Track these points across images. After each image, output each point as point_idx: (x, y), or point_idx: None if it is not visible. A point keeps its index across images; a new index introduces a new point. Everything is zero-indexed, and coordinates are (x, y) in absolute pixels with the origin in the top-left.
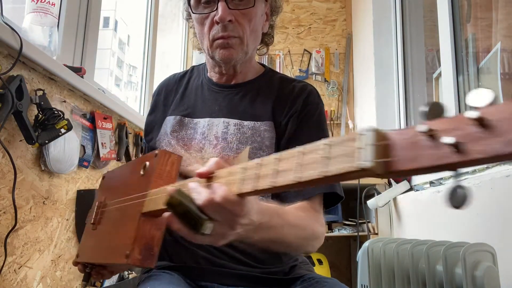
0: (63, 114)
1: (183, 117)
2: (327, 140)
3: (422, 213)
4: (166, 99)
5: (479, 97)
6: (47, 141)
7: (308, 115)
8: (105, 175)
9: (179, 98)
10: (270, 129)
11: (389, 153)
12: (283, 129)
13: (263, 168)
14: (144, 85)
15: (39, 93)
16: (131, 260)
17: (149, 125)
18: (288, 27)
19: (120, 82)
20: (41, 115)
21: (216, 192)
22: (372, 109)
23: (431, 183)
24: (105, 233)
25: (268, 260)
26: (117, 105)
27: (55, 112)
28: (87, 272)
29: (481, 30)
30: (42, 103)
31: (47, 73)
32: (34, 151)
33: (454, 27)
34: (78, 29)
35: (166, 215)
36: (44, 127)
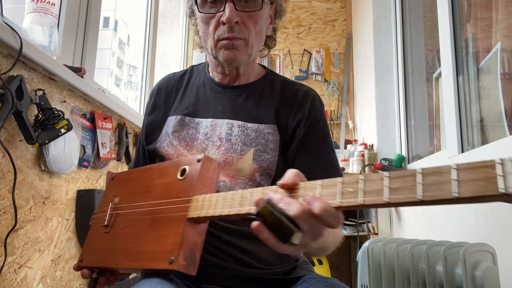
0: (63, 114)
1: (184, 117)
2: (454, 164)
3: (422, 213)
4: (166, 99)
5: None
6: (47, 141)
7: (315, 121)
8: (114, 176)
9: (180, 97)
10: (274, 132)
11: None
12: (290, 133)
13: (367, 184)
14: (144, 85)
15: (39, 93)
16: (176, 265)
17: (150, 125)
18: (288, 27)
19: (120, 82)
20: (41, 115)
21: (312, 203)
22: (372, 109)
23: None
24: (128, 236)
25: (271, 260)
26: (117, 105)
27: (55, 112)
28: (94, 277)
29: (481, 30)
30: (42, 103)
31: (47, 73)
32: (34, 151)
33: (454, 27)
34: (78, 29)
35: (254, 224)
36: (44, 127)
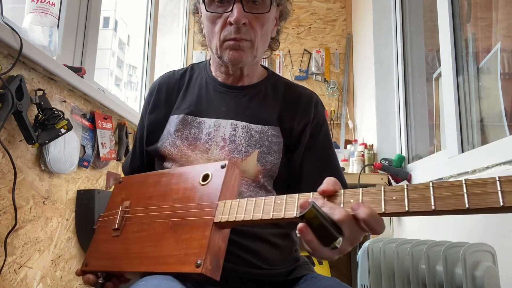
0: (63, 114)
1: (186, 116)
2: (497, 176)
3: None
4: (168, 98)
5: None
6: (47, 141)
7: (318, 125)
8: (122, 179)
9: (181, 96)
10: (277, 134)
11: None
12: (295, 137)
13: (411, 192)
14: (144, 85)
15: (39, 93)
16: (203, 269)
17: (152, 125)
18: (288, 27)
19: (120, 82)
20: (41, 115)
21: (358, 209)
22: (372, 109)
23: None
24: (144, 240)
25: (276, 260)
26: (117, 105)
27: (55, 112)
28: (100, 282)
29: (481, 30)
30: (42, 103)
31: (47, 73)
32: (34, 151)
33: (454, 27)
34: (78, 29)
35: (300, 225)
36: (44, 127)
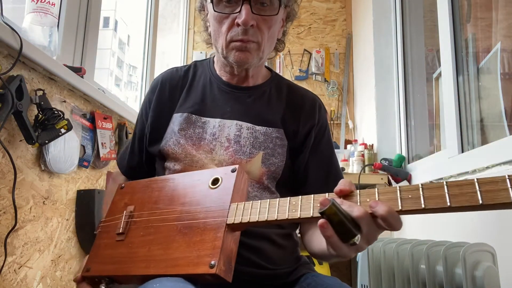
0: (63, 114)
1: (191, 115)
2: (506, 175)
3: None
4: (171, 95)
5: None
6: (47, 141)
7: (322, 129)
8: (124, 184)
9: (185, 94)
10: (281, 136)
11: None
12: (300, 140)
13: (426, 191)
14: (144, 85)
15: (39, 93)
16: (218, 269)
17: (155, 122)
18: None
19: (120, 82)
20: (41, 115)
21: (376, 207)
22: (372, 109)
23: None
24: (152, 243)
25: (279, 260)
26: (117, 105)
27: (55, 112)
28: None
29: (481, 30)
30: (42, 103)
31: (47, 73)
32: (34, 151)
33: (454, 27)
34: (78, 29)
35: (321, 221)
36: (44, 127)
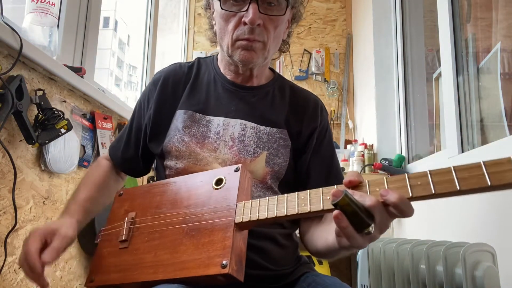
0: (63, 114)
1: (195, 113)
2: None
3: (422, 213)
4: (174, 91)
5: None
6: (47, 141)
7: (323, 130)
8: (123, 191)
9: (188, 91)
10: (285, 137)
11: None
12: (303, 141)
13: (434, 176)
14: (144, 85)
15: (39, 93)
16: (230, 269)
17: (157, 116)
18: None
19: (120, 82)
20: (41, 115)
21: (387, 195)
22: (372, 109)
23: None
24: (157, 248)
25: (282, 260)
26: (117, 105)
27: (55, 112)
28: None
29: (481, 30)
30: (42, 103)
31: (47, 73)
32: (34, 151)
33: (454, 27)
34: (78, 29)
35: (335, 212)
36: (44, 127)
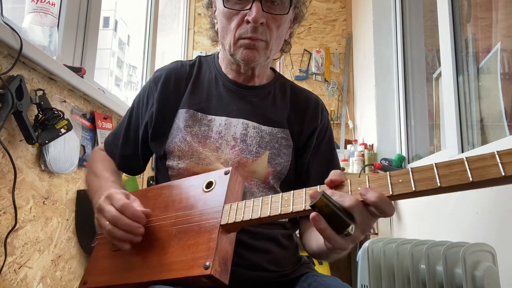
0: (63, 114)
1: (196, 112)
2: (495, 150)
3: (422, 213)
4: (176, 89)
5: None
6: (47, 141)
7: (323, 130)
8: None
9: (190, 89)
10: (287, 137)
11: None
12: (303, 140)
13: (416, 174)
14: None
15: (39, 93)
16: (212, 270)
17: (159, 115)
18: None
19: (120, 82)
20: (41, 115)
21: (366, 194)
22: (372, 109)
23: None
24: (147, 250)
25: (283, 261)
26: (117, 105)
27: (55, 112)
28: None
29: (481, 30)
30: (42, 103)
31: (47, 73)
32: (34, 151)
33: (454, 27)
34: (78, 29)
35: (312, 214)
36: (44, 127)
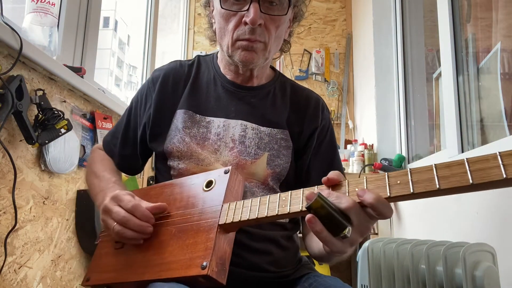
0: (63, 114)
1: (195, 114)
2: (497, 152)
3: (422, 213)
4: (175, 90)
5: None
6: (47, 141)
7: (324, 130)
8: None
9: (189, 90)
10: (286, 138)
11: None
12: (303, 141)
13: (415, 175)
14: None
15: (39, 93)
16: (209, 270)
17: (157, 115)
18: None
19: (120, 82)
20: (41, 115)
21: (364, 195)
22: (372, 109)
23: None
24: (148, 249)
25: (284, 262)
26: (117, 105)
27: (55, 112)
28: None
29: (481, 30)
30: (42, 103)
31: (47, 73)
32: (34, 151)
33: (454, 27)
34: (78, 29)
35: (308, 216)
36: (44, 127)
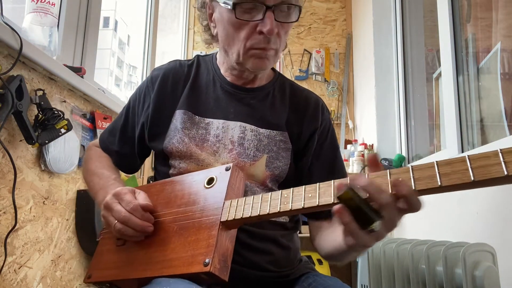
0: (63, 114)
1: (194, 115)
2: (498, 149)
3: (422, 213)
4: (174, 90)
5: None
6: (47, 141)
7: (324, 131)
8: None
9: (188, 91)
10: (285, 139)
11: None
12: (303, 142)
13: (416, 172)
14: None
15: (39, 93)
16: (212, 267)
17: (155, 115)
18: None
19: (120, 82)
20: (41, 115)
21: (398, 185)
22: (372, 109)
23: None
24: (150, 246)
25: (284, 261)
26: (117, 105)
27: (55, 112)
28: None
29: (481, 30)
30: (42, 103)
31: (47, 73)
32: (34, 151)
33: (454, 27)
34: (78, 29)
35: (336, 207)
36: (44, 127)
